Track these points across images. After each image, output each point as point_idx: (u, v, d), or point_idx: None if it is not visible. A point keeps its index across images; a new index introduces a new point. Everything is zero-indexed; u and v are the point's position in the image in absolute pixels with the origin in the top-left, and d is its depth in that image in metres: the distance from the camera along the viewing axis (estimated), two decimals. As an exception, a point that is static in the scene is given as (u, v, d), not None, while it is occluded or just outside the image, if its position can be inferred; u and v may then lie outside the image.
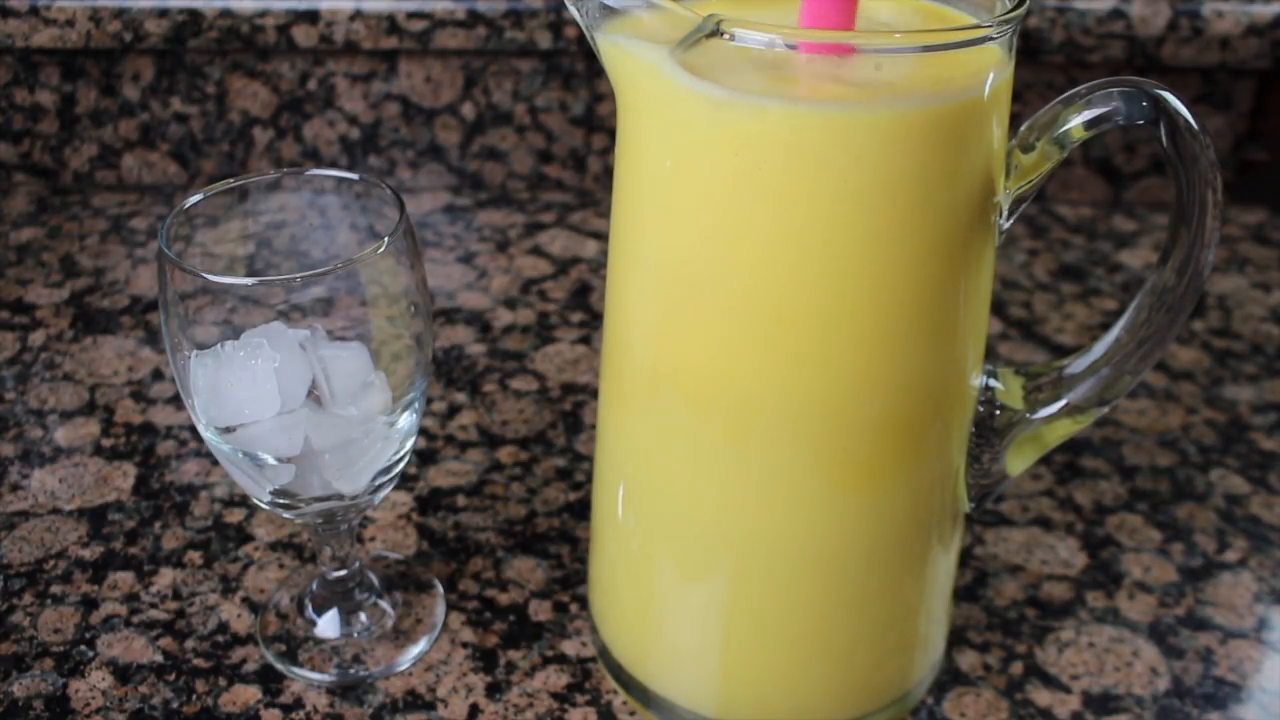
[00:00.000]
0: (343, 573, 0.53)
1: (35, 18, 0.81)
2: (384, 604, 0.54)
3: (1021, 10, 0.39)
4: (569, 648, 0.53)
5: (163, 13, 0.81)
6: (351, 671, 0.52)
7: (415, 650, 0.53)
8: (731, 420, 0.42)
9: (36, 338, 0.72)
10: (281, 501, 0.48)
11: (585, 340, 0.73)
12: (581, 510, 0.60)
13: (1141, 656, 0.54)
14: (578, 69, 0.85)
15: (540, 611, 0.55)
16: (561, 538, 0.59)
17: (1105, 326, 0.75)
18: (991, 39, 0.37)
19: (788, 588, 0.45)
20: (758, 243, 0.40)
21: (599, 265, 0.79)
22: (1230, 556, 0.59)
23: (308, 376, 0.46)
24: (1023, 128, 0.41)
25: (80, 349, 0.71)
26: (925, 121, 0.38)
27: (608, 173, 0.88)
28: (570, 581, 0.57)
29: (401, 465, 0.49)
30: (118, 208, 0.84)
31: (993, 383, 0.46)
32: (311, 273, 0.44)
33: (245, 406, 0.45)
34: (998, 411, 0.46)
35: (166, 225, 0.47)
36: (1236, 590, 0.57)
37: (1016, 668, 0.53)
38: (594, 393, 0.68)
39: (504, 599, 0.56)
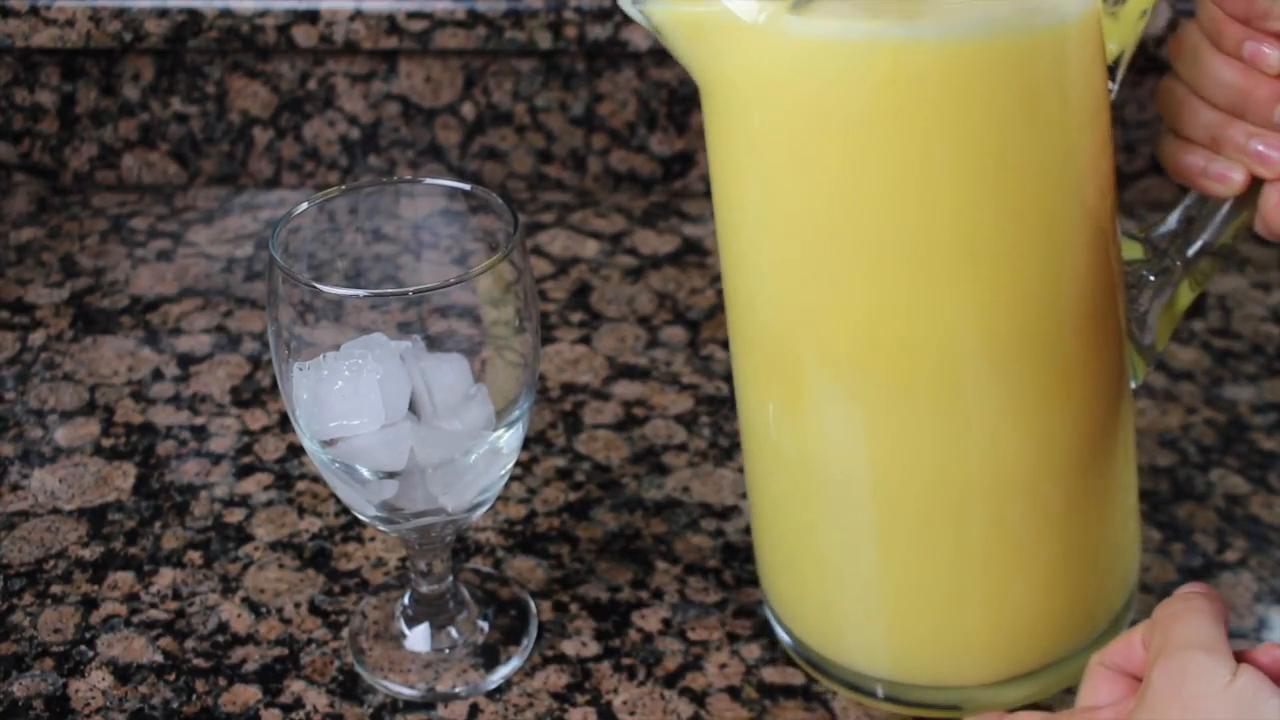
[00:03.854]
0: (436, 587, 0.53)
1: (35, 18, 0.81)
2: (479, 621, 0.54)
3: None
4: (569, 648, 0.53)
5: (163, 13, 0.81)
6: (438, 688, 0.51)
7: (506, 669, 0.52)
8: (931, 367, 0.43)
9: (36, 338, 0.72)
10: (383, 515, 0.47)
11: (585, 340, 0.73)
12: (581, 510, 0.60)
13: (1141, 656, 0.53)
14: (578, 69, 0.85)
15: (540, 611, 0.55)
16: (561, 538, 0.59)
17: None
18: None
19: (995, 520, 0.45)
20: (920, 182, 0.40)
21: (599, 265, 0.79)
22: (1230, 556, 0.59)
23: (408, 388, 0.45)
24: None
25: (80, 349, 0.71)
26: (1077, 24, 0.40)
27: (608, 173, 0.88)
28: (570, 581, 0.57)
29: (503, 483, 0.49)
30: (118, 208, 0.84)
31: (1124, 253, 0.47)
32: (424, 287, 0.43)
33: (348, 418, 0.44)
34: (1144, 274, 0.47)
35: (277, 233, 0.46)
36: (1236, 590, 0.57)
37: (1016, 668, 0.53)
38: (594, 392, 0.68)
39: (504, 597, 0.56)
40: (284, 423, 0.65)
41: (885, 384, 0.43)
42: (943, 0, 0.39)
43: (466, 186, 0.49)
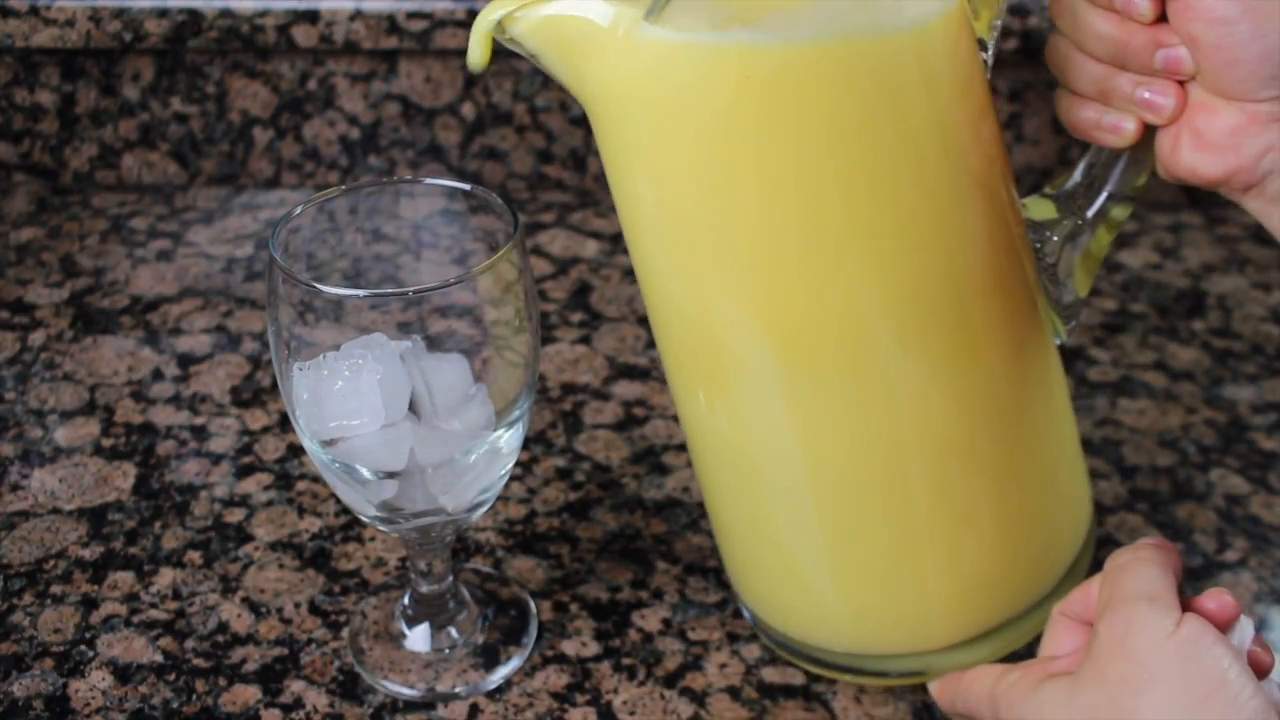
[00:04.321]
0: (436, 587, 0.53)
1: (35, 18, 0.81)
2: (479, 621, 0.54)
3: None
4: (569, 648, 0.53)
5: (163, 13, 0.81)
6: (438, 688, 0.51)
7: (506, 669, 0.52)
8: (837, 342, 0.43)
9: (36, 338, 0.72)
10: (383, 515, 0.47)
11: (585, 340, 0.73)
12: (581, 510, 0.60)
13: (1141, 656, 0.53)
14: (578, 69, 0.85)
15: (540, 611, 0.55)
16: (561, 538, 0.59)
17: (1107, 327, 0.75)
18: None
19: (934, 484, 0.45)
20: (796, 172, 0.41)
21: (599, 265, 0.79)
22: (1230, 556, 0.59)
23: (408, 388, 0.45)
24: None
25: (80, 349, 0.71)
26: (935, 17, 0.41)
27: (608, 173, 0.88)
28: (570, 581, 0.57)
29: (503, 483, 0.49)
30: (118, 208, 0.84)
31: (1029, 215, 0.47)
32: (424, 287, 0.44)
33: (348, 418, 0.44)
34: (1048, 233, 0.47)
35: (277, 233, 0.46)
36: (1236, 590, 0.57)
37: (1016, 668, 0.53)
38: (594, 392, 0.68)
39: (504, 597, 0.56)
40: (284, 423, 0.65)
41: (797, 362, 0.44)
42: (785, 5, 0.40)
43: (466, 186, 0.49)
